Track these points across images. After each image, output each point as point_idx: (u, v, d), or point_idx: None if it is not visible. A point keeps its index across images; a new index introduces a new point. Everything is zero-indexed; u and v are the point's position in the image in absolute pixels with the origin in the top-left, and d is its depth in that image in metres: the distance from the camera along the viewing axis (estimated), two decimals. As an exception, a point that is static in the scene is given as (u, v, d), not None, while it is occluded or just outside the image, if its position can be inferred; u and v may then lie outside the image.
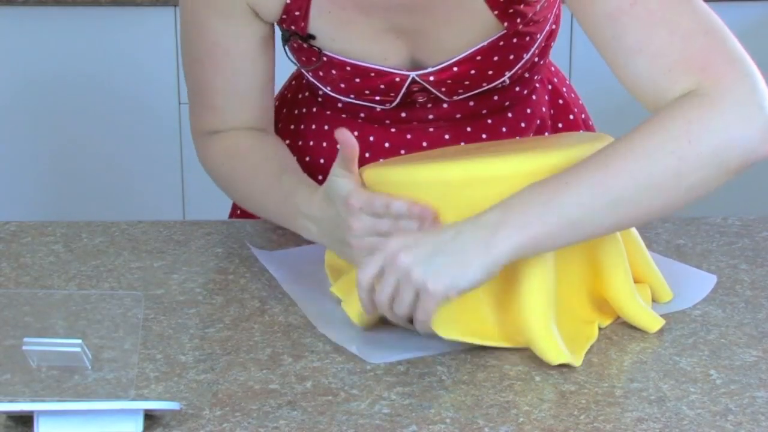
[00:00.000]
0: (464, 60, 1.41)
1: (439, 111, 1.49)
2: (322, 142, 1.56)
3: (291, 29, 1.42)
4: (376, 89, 1.45)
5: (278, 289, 1.37)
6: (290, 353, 1.22)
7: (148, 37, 2.97)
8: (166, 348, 1.23)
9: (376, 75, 1.43)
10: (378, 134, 1.52)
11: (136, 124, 3.03)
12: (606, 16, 1.21)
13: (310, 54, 1.44)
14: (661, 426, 1.08)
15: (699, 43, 1.19)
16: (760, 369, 1.18)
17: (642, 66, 1.20)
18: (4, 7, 2.94)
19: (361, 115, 1.52)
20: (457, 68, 1.42)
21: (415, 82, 1.43)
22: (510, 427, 1.07)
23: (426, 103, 1.48)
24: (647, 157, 1.15)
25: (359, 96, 1.47)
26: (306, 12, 1.40)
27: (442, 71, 1.42)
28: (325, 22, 1.40)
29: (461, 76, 1.43)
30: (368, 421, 1.08)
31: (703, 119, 1.15)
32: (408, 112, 1.50)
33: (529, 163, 1.21)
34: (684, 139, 1.15)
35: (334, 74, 1.45)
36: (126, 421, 1.06)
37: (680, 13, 1.20)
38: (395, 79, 1.43)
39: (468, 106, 1.49)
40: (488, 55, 1.41)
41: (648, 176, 1.14)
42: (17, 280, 1.39)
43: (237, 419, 1.09)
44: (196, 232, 1.53)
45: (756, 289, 1.36)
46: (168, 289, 1.37)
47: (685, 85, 1.18)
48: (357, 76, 1.44)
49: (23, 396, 1.11)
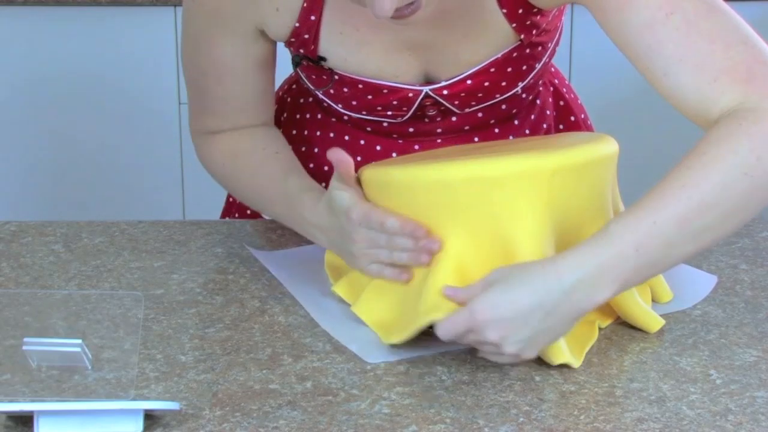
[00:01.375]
0: (478, 73, 1.40)
1: (447, 124, 1.48)
2: (326, 149, 1.54)
3: (300, 52, 1.41)
4: (389, 105, 1.44)
5: (278, 289, 1.37)
6: (290, 353, 1.22)
7: (148, 37, 2.97)
8: (166, 348, 1.23)
9: (389, 92, 1.42)
10: (385, 144, 1.52)
11: (136, 124, 3.03)
12: (641, 26, 1.20)
13: (321, 73, 1.43)
14: (661, 426, 1.07)
15: (739, 53, 1.17)
16: (760, 369, 1.18)
17: (684, 76, 1.18)
18: (4, 7, 2.94)
19: (368, 129, 1.51)
20: (471, 81, 1.41)
21: (427, 96, 1.43)
22: (510, 427, 1.07)
23: (435, 116, 1.47)
24: (724, 186, 1.13)
25: (371, 112, 1.46)
26: (316, 34, 1.38)
27: (455, 84, 1.41)
28: (336, 43, 1.39)
29: (475, 89, 1.42)
30: (368, 421, 1.08)
31: (764, 135, 1.14)
32: (416, 127, 1.49)
33: (529, 163, 1.20)
34: (752, 157, 1.13)
35: (346, 92, 1.44)
36: (126, 421, 1.06)
37: (716, 22, 1.19)
38: (408, 95, 1.42)
39: (477, 117, 1.49)
40: (502, 67, 1.41)
41: (728, 203, 1.13)
42: (17, 280, 1.39)
43: (237, 419, 1.09)
44: (196, 232, 1.53)
45: (756, 289, 1.36)
46: (168, 289, 1.37)
47: (731, 96, 1.17)
48: (369, 93, 1.43)
49: (23, 396, 1.11)
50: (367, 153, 1.51)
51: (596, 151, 1.24)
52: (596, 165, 1.23)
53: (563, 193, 1.20)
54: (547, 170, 1.19)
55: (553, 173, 1.19)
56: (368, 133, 1.52)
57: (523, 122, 1.54)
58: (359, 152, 1.50)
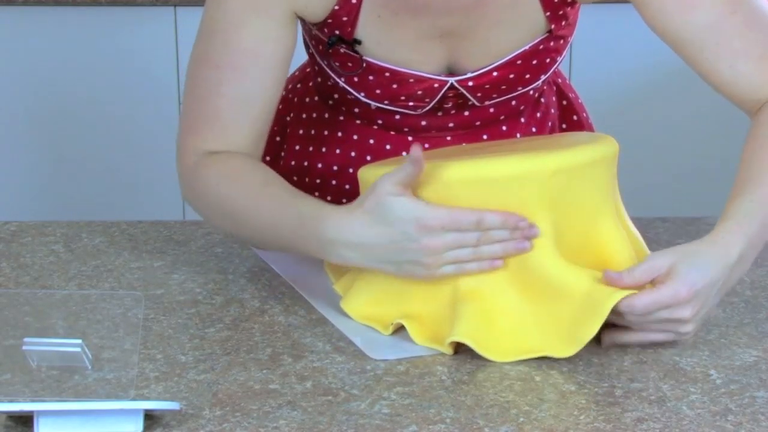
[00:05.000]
0: (505, 64, 1.42)
1: (459, 118, 1.49)
2: (335, 148, 1.54)
3: (335, 33, 1.40)
4: (413, 95, 1.44)
5: (278, 289, 1.37)
6: (290, 353, 1.22)
7: (148, 37, 2.97)
8: (166, 348, 1.23)
9: (415, 81, 1.42)
10: (395, 142, 1.51)
11: (136, 124, 3.03)
12: (708, 26, 1.32)
13: (348, 59, 1.42)
14: (661, 426, 1.08)
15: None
16: (760, 369, 1.18)
17: (745, 68, 1.33)
18: (4, 7, 2.94)
19: (379, 122, 1.51)
20: (497, 73, 1.42)
21: (451, 88, 1.43)
22: (510, 427, 1.07)
23: (450, 109, 1.47)
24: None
25: (393, 102, 1.45)
26: (355, 17, 1.38)
27: (481, 76, 1.42)
28: (373, 26, 1.38)
29: (500, 81, 1.43)
30: (368, 421, 1.08)
31: None
32: (428, 120, 1.49)
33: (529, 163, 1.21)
34: None
35: (371, 80, 1.43)
36: (126, 421, 1.06)
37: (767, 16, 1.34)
38: (434, 85, 1.43)
39: (488, 112, 1.49)
40: (528, 59, 1.42)
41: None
42: (17, 280, 1.39)
43: (237, 419, 1.09)
44: (196, 232, 1.53)
45: (756, 289, 1.36)
46: (168, 289, 1.37)
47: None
48: (395, 82, 1.42)
49: (23, 396, 1.11)
50: (376, 152, 1.50)
51: (596, 152, 1.24)
52: (596, 165, 1.23)
53: (563, 193, 1.20)
54: (548, 170, 1.19)
55: (553, 173, 1.19)
56: (377, 130, 1.51)
57: (530, 119, 1.55)
58: (368, 151, 1.50)
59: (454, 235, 1.19)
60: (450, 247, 1.19)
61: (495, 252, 1.20)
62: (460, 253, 1.20)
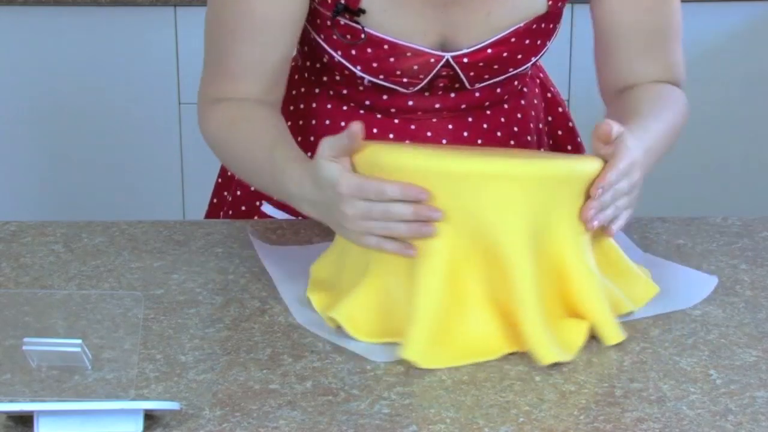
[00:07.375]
0: (499, 42, 1.46)
1: (446, 100, 1.52)
2: (324, 120, 1.56)
3: (341, 3, 1.43)
4: (408, 70, 1.47)
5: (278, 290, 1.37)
6: (290, 353, 1.22)
7: (148, 37, 2.97)
8: (166, 348, 1.23)
9: (412, 55, 1.46)
10: (381, 126, 1.54)
11: (136, 124, 3.03)
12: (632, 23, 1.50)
13: (348, 31, 1.45)
14: (661, 426, 1.08)
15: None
16: (760, 369, 1.18)
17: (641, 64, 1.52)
18: (4, 7, 2.94)
19: (366, 103, 1.53)
20: (491, 50, 1.47)
21: (445, 65, 1.47)
22: (510, 427, 1.07)
23: (438, 90, 1.51)
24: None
25: (388, 77, 1.48)
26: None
27: (476, 53, 1.47)
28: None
29: (493, 59, 1.48)
30: (368, 421, 1.08)
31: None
32: (415, 100, 1.52)
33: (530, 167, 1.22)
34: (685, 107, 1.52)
35: (369, 52, 1.46)
36: (126, 421, 1.06)
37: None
38: (430, 60, 1.46)
39: (474, 96, 1.53)
40: (522, 38, 1.47)
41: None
42: (17, 280, 1.39)
43: (237, 419, 1.09)
44: (196, 232, 1.53)
45: (756, 289, 1.36)
46: (168, 289, 1.37)
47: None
48: (392, 56, 1.46)
49: (23, 396, 1.11)
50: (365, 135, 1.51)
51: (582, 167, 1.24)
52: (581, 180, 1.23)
53: (548, 201, 1.21)
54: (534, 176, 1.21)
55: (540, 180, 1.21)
56: (364, 115, 1.53)
57: (514, 106, 1.60)
58: None
59: (363, 203, 1.21)
60: (363, 216, 1.21)
61: (400, 230, 1.21)
62: (370, 225, 1.22)
